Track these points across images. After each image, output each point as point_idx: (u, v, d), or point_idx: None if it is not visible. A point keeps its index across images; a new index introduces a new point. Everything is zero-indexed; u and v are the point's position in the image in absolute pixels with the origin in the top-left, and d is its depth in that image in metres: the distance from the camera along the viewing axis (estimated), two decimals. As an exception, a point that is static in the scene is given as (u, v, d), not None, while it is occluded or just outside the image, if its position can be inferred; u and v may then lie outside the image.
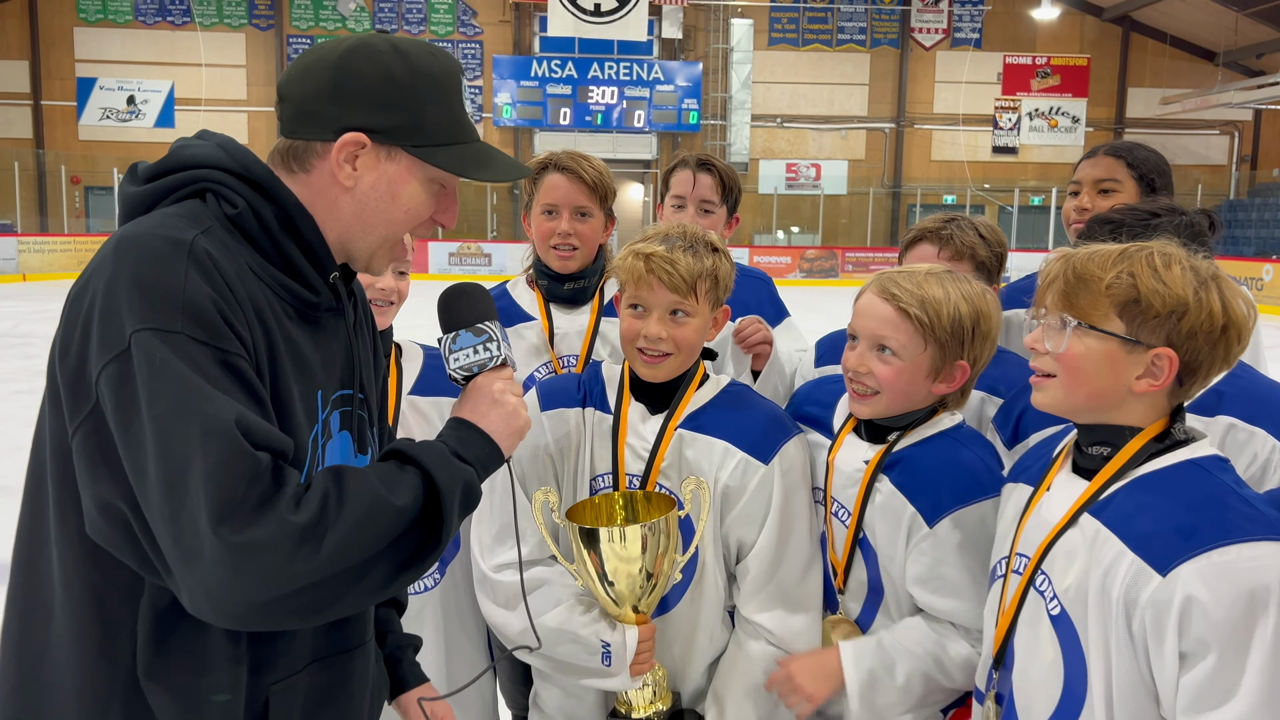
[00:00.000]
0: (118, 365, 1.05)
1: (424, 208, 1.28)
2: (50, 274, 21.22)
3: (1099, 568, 1.30)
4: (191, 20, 24.53)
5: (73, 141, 24.65)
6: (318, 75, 1.22)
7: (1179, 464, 1.33)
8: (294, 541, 1.04)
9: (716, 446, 1.76)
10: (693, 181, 2.52)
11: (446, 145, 1.25)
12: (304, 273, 1.23)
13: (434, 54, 1.26)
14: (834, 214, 25.83)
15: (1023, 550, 1.43)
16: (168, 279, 1.08)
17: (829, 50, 25.88)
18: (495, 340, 1.35)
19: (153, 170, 1.23)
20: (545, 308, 2.36)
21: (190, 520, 1.02)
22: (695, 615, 1.79)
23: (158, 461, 1.03)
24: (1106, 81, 26.12)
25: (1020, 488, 1.53)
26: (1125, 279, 1.30)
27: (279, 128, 1.27)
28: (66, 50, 24.49)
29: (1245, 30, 23.39)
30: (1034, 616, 1.39)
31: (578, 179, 2.28)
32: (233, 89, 24.92)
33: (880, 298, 1.68)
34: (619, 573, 1.65)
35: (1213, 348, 1.29)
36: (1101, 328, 1.32)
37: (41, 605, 1.17)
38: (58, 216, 24.01)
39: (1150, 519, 1.27)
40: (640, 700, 1.73)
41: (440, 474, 1.18)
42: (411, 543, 1.15)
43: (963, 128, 26.16)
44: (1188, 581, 1.20)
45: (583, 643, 1.71)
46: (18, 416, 8.12)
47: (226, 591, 1.03)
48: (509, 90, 24.79)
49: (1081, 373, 1.33)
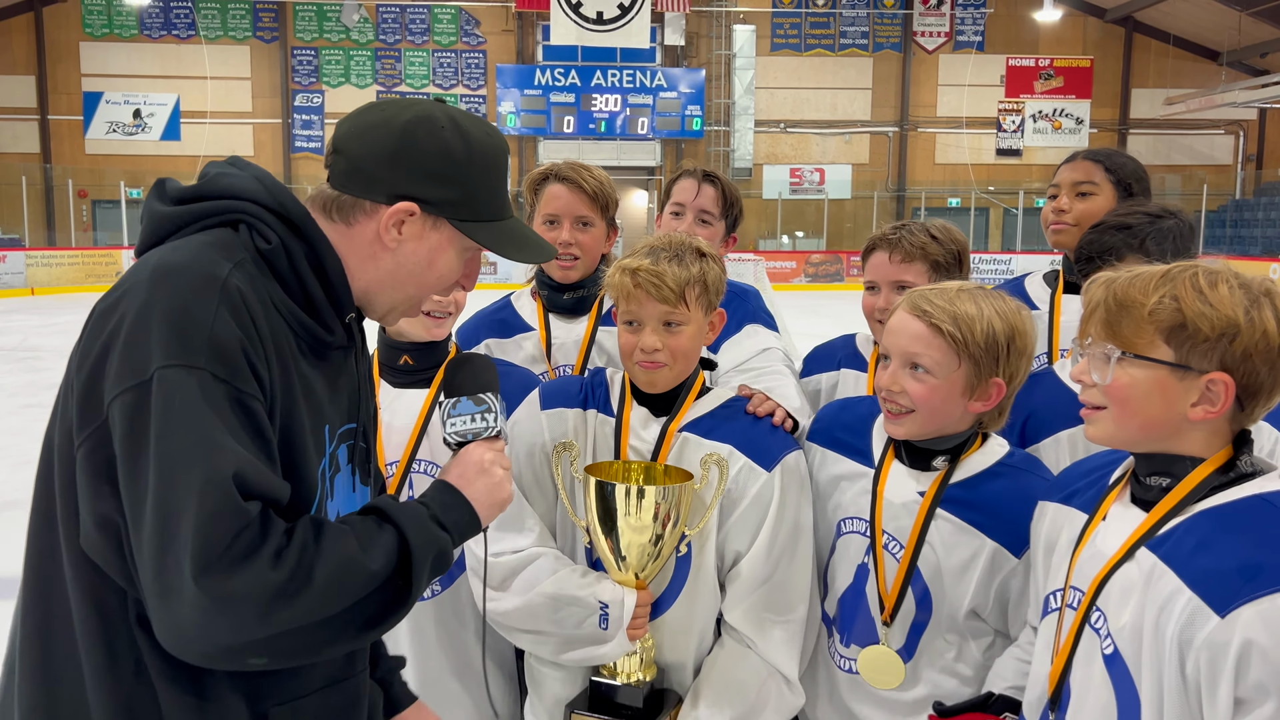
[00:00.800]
0: (135, 395, 1.08)
1: (454, 274, 1.35)
2: (58, 288, 21.30)
3: (1154, 605, 1.23)
4: (196, 33, 24.66)
5: (79, 155, 24.77)
6: (379, 139, 1.27)
7: (1246, 499, 1.24)
8: (270, 596, 1.08)
9: (720, 450, 1.77)
10: (695, 191, 2.52)
11: (489, 222, 1.32)
12: (323, 312, 1.27)
13: (490, 134, 1.33)
14: (838, 218, 25.83)
15: (1077, 584, 1.36)
16: (199, 314, 1.11)
17: (831, 55, 25.91)
18: (494, 412, 1.41)
19: (185, 193, 1.26)
20: (545, 318, 2.37)
21: (175, 561, 1.05)
22: (689, 618, 1.79)
23: (156, 498, 1.06)
24: (1110, 82, 26.10)
25: (1071, 513, 1.46)
26: (1169, 303, 1.23)
27: (329, 177, 1.31)
28: (73, 65, 24.63)
29: (1249, 29, 23.35)
30: (1088, 655, 1.32)
31: (578, 189, 2.29)
32: (238, 101, 25.03)
33: (912, 314, 1.65)
34: (629, 537, 1.67)
35: (1271, 367, 1.21)
36: (1148, 355, 1.25)
37: (56, 621, 1.19)
38: (65, 230, 24.12)
39: (1211, 556, 1.20)
40: (628, 667, 1.75)
41: (416, 539, 1.22)
42: (379, 601, 1.19)
43: (966, 130, 26.15)
44: (1248, 624, 1.13)
45: (581, 604, 1.72)
46: (27, 430, 8.15)
47: (199, 634, 1.07)
48: (512, 99, 24.87)
49: (1131, 404, 1.27)
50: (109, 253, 22.75)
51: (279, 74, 25.10)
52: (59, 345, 13.37)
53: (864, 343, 2.23)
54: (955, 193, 25.91)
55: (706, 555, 1.78)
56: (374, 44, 25.11)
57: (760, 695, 1.75)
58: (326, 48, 25.16)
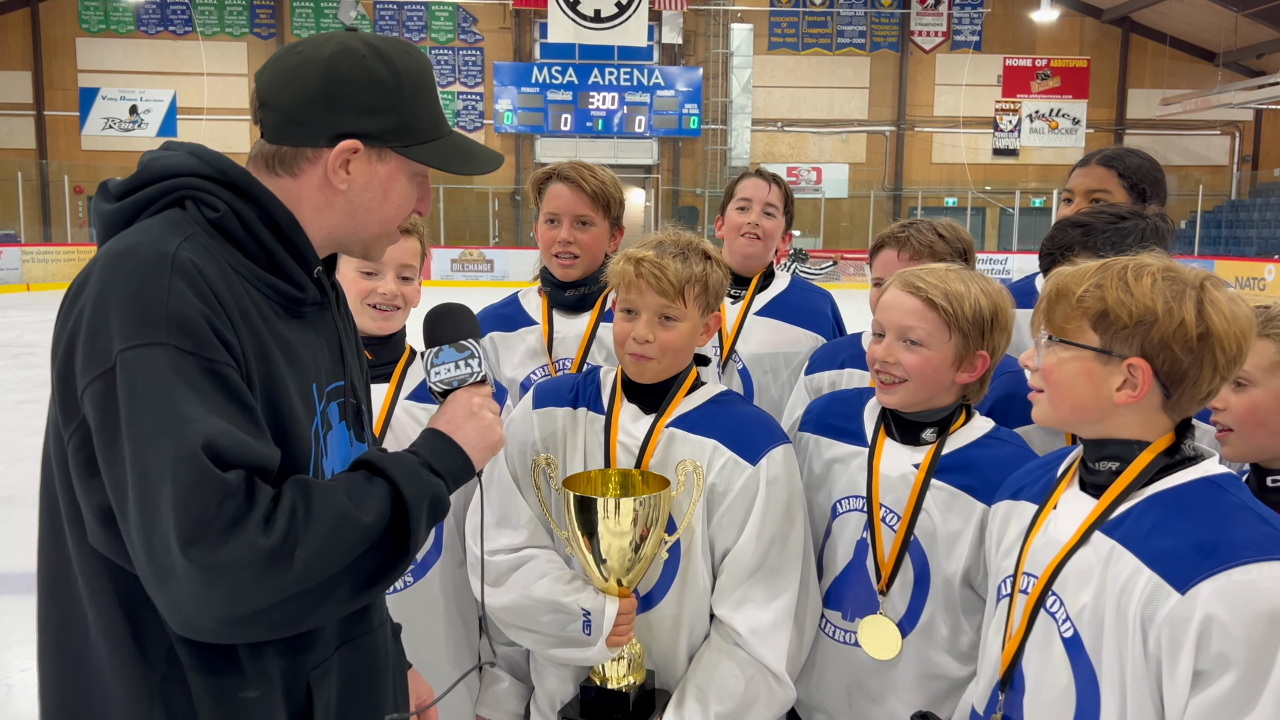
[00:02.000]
0: (102, 383, 1.07)
1: (410, 201, 1.34)
2: (54, 284, 21.26)
3: (1114, 586, 1.28)
4: (193, 30, 24.62)
5: (75, 151, 24.73)
6: (305, 82, 1.24)
7: (1195, 481, 1.31)
8: (263, 562, 1.07)
9: (706, 445, 1.79)
10: (765, 188, 2.69)
11: (430, 141, 1.30)
12: (288, 269, 1.25)
13: (409, 52, 1.30)
14: (835, 217, 25.85)
15: (1030, 570, 1.41)
16: (153, 292, 1.09)
17: (829, 54, 25.92)
18: (476, 357, 1.41)
19: (125, 185, 1.24)
20: (548, 313, 2.43)
21: (162, 540, 1.04)
22: (679, 612, 1.81)
23: (134, 481, 1.05)
24: (1106, 83, 26.13)
25: (1021, 505, 1.52)
26: (1095, 292, 1.32)
27: (262, 132, 1.28)
28: (69, 60, 24.59)
29: (1245, 30, 23.39)
30: (1045, 639, 1.37)
31: (578, 189, 2.36)
32: (235, 98, 24.98)
33: (905, 291, 1.76)
34: (608, 544, 1.68)
35: (1194, 357, 1.28)
36: (1075, 341, 1.34)
37: (75, 622, 1.19)
38: (61, 226, 24.09)
39: (1168, 536, 1.26)
40: (615, 672, 1.76)
41: (409, 488, 1.20)
42: (379, 556, 1.18)
43: (963, 130, 26.18)
44: (1208, 600, 1.18)
45: (565, 610, 1.74)
46: (23, 426, 8.14)
47: (199, 609, 1.06)
48: (510, 97, 24.85)
49: (1061, 386, 1.36)
50: (105, 249, 22.70)
51: (276, 70, 25.06)
52: (54, 341, 13.34)
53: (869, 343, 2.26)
54: (952, 192, 25.93)
55: (695, 549, 1.79)
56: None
57: (748, 693, 1.76)
58: (323, 44, 25.10)
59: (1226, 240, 24.05)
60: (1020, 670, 1.40)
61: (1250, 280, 19.02)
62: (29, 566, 4.75)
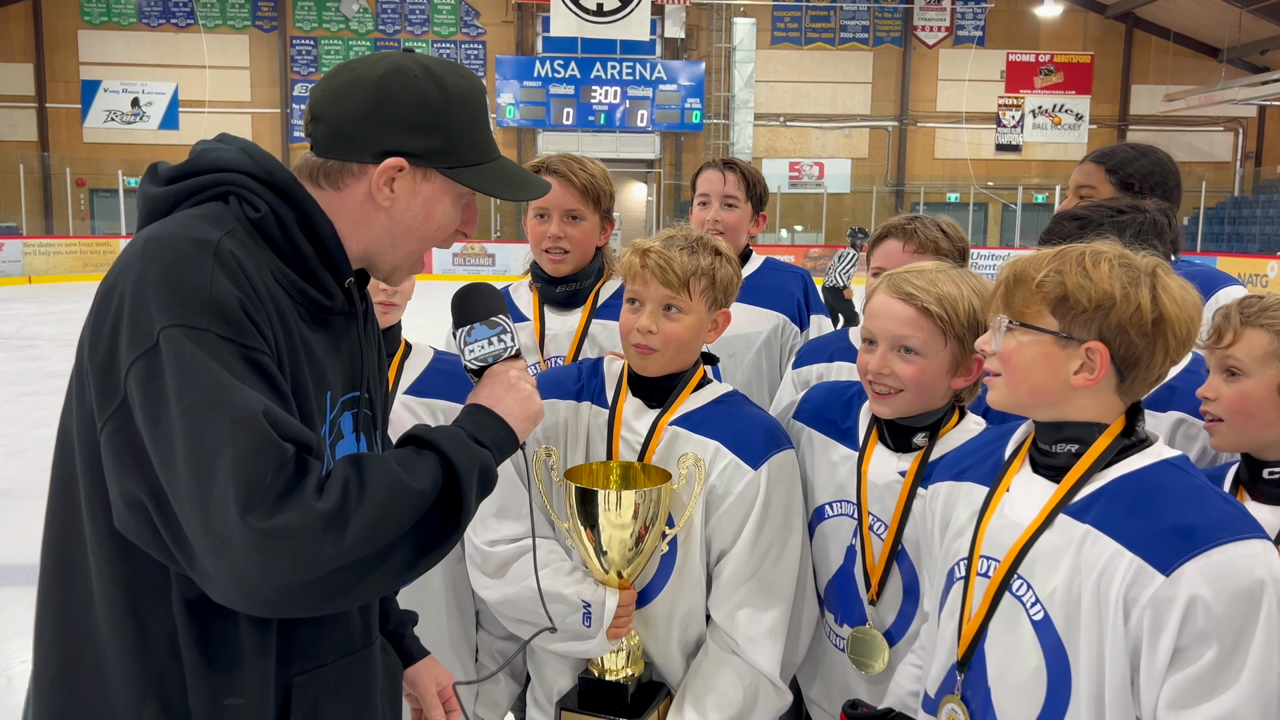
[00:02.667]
0: (146, 361, 1.08)
1: (453, 223, 1.35)
2: (56, 276, 21.28)
3: (1092, 570, 1.30)
4: (195, 22, 24.60)
5: (77, 144, 24.72)
6: (355, 99, 1.26)
7: (1157, 464, 1.34)
8: (320, 526, 1.07)
9: (708, 446, 1.78)
10: (719, 180, 2.63)
11: (477, 165, 1.32)
12: (320, 277, 1.26)
13: (463, 75, 1.32)
14: (837, 212, 25.82)
15: (989, 553, 1.42)
16: (194, 278, 1.11)
17: (832, 49, 25.88)
18: (509, 332, 1.43)
19: (175, 172, 1.26)
20: (539, 309, 2.39)
21: (219, 509, 1.04)
22: (674, 609, 1.80)
23: (187, 452, 1.05)
24: (1110, 78, 26.09)
25: (967, 486, 1.51)
26: (1054, 277, 1.33)
27: (312, 145, 1.30)
28: (71, 53, 24.58)
29: (1249, 26, 23.34)
30: (1011, 623, 1.38)
31: (568, 182, 2.30)
32: (237, 91, 24.99)
33: (897, 298, 1.69)
34: (609, 536, 1.68)
35: (1148, 341, 1.31)
36: (1034, 325, 1.35)
37: (79, 599, 1.19)
38: (63, 219, 24.10)
39: (1143, 520, 1.28)
40: (614, 664, 1.77)
41: (458, 457, 1.22)
42: (433, 525, 1.19)
43: (966, 125, 26.15)
44: (1192, 581, 1.22)
45: (565, 601, 1.74)
46: (24, 419, 8.12)
47: (258, 577, 1.05)
48: (512, 90, 24.83)
49: (1020, 370, 1.37)
50: (106, 241, 22.72)
51: (278, 63, 25.05)
52: (56, 334, 13.35)
53: (857, 336, 2.24)
54: (954, 188, 25.91)
55: (692, 547, 1.79)
56: (373, 34, 25.06)
57: (746, 700, 1.76)
58: (326, 38, 25.10)
59: (1229, 237, 24.02)
60: (982, 652, 1.41)
61: (1253, 277, 18.98)
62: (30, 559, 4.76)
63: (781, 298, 2.62)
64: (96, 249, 22.48)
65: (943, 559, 1.53)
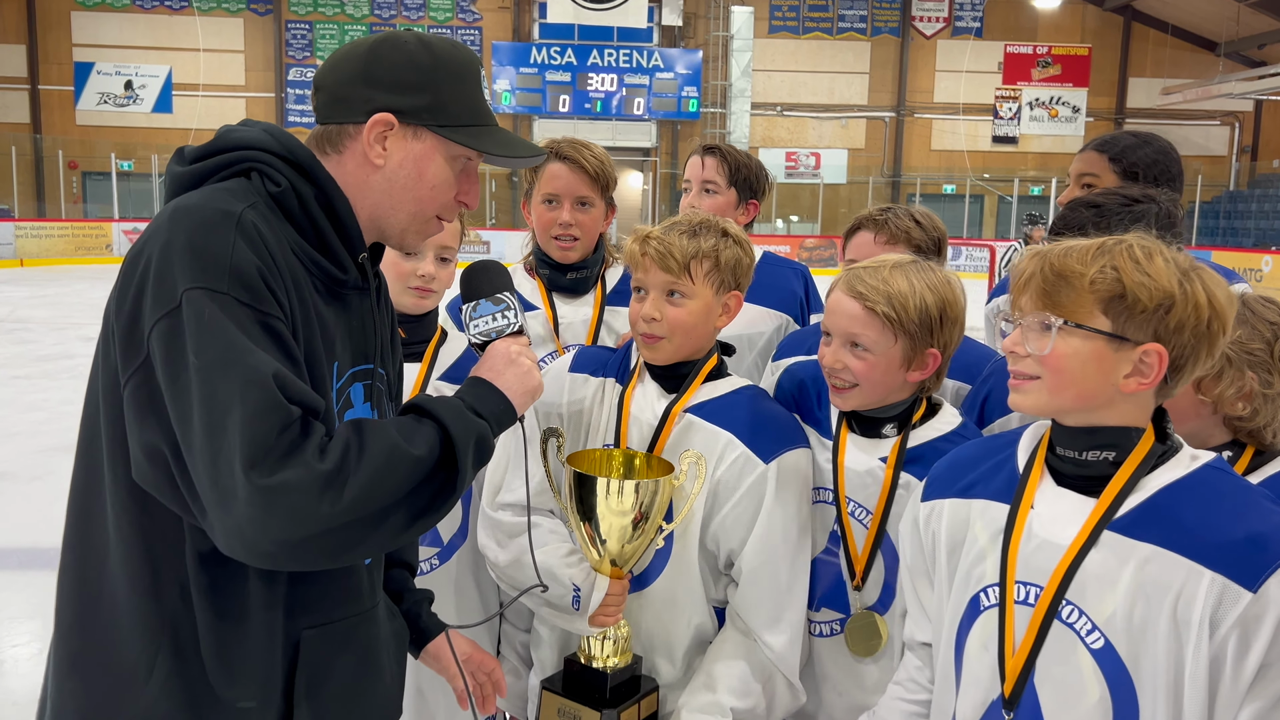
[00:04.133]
0: (169, 321, 1.14)
1: (448, 185, 1.38)
2: (47, 259, 21.18)
3: (1164, 592, 1.22)
4: (189, 5, 24.43)
5: (70, 126, 24.58)
6: (349, 64, 1.34)
7: (1199, 470, 1.27)
8: (320, 485, 1.13)
9: (721, 437, 1.76)
10: (700, 165, 2.59)
11: (468, 126, 1.36)
12: (336, 251, 1.33)
13: (455, 45, 1.38)
14: (833, 203, 25.80)
15: (1027, 579, 1.32)
16: (218, 246, 1.17)
17: (829, 38, 25.81)
18: (513, 309, 1.48)
19: (199, 151, 1.33)
20: (548, 297, 2.36)
21: (227, 463, 1.10)
22: (672, 596, 1.80)
23: (201, 407, 1.12)
24: (1107, 71, 26.07)
25: (980, 504, 1.42)
26: (1110, 273, 1.24)
27: (315, 116, 1.38)
28: (64, 34, 24.40)
29: (1246, 20, 23.33)
30: (1064, 653, 1.28)
31: (579, 168, 2.28)
32: (231, 74, 24.85)
33: (848, 296, 1.70)
34: (608, 524, 1.68)
35: (1198, 341, 1.25)
36: (1088, 325, 1.26)
37: (95, 549, 1.26)
38: (55, 202, 23.96)
39: (1213, 532, 1.21)
40: (599, 651, 1.76)
41: (455, 427, 1.26)
42: (428, 491, 1.24)
43: (963, 117, 26.12)
44: (1278, 594, 1.17)
45: (559, 581, 1.75)
46: (16, 402, 8.07)
47: (258, 531, 1.11)
48: (508, 77, 24.73)
49: (1067, 374, 1.27)
50: (99, 225, 22.62)
51: (273, 47, 24.90)
52: (48, 317, 13.29)
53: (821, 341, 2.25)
54: (950, 179, 25.90)
55: (691, 533, 1.78)
56: (369, 19, 24.93)
57: (766, 690, 1.76)
58: (321, 22, 24.97)
59: (1224, 231, 24.07)
60: (1032, 687, 1.31)
61: (1248, 271, 19.04)
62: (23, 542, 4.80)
63: (782, 296, 2.56)
64: (89, 232, 22.37)
65: (959, 585, 1.42)
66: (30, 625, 4.02)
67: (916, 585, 1.56)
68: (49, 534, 5.82)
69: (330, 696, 1.34)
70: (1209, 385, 1.45)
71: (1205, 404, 1.48)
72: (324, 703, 1.33)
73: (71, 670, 1.27)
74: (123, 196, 23.25)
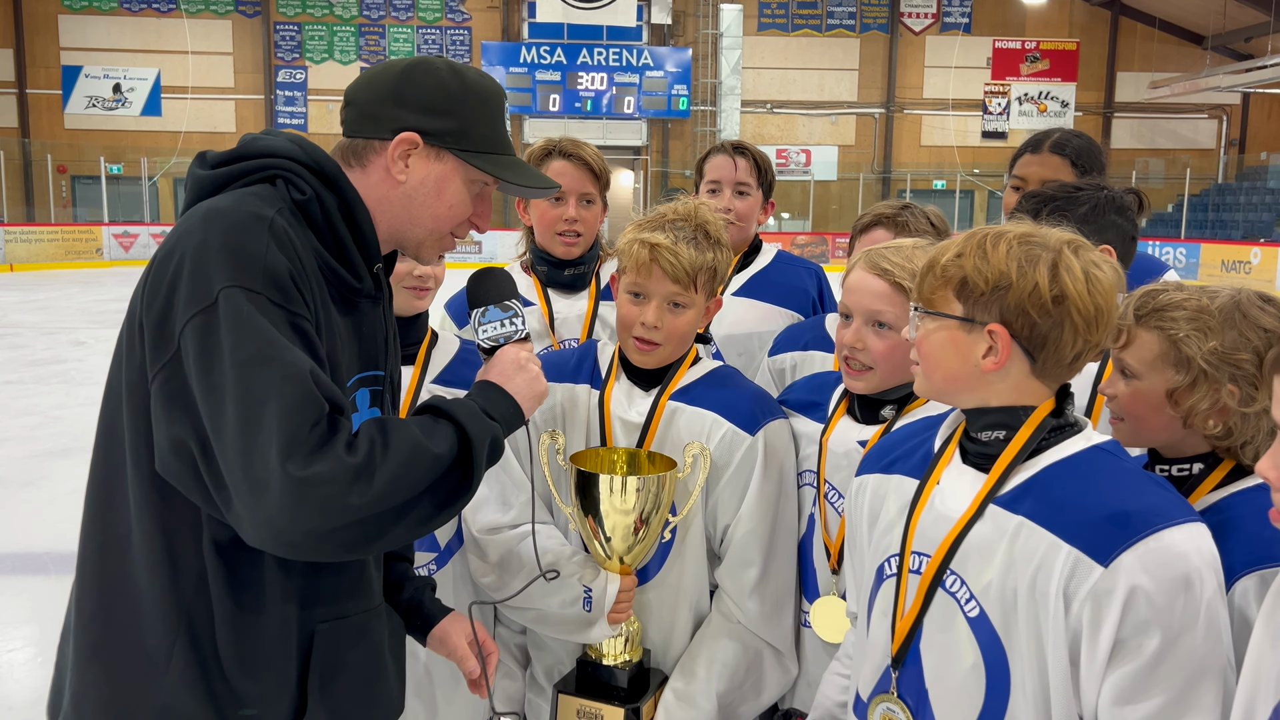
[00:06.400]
0: (204, 317, 1.18)
1: (465, 206, 1.44)
2: (37, 264, 21.09)
3: (1028, 563, 1.26)
4: (177, 7, 24.34)
5: (59, 130, 24.47)
6: (382, 83, 1.40)
7: (1088, 450, 1.31)
8: (349, 478, 1.18)
9: (706, 418, 1.79)
10: (730, 165, 2.55)
11: (488, 154, 1.42)
12: (354, 260, 1.37)
13: (484, 77, 1.46)
14: (824, 200, 25.84)
15: (920, 549, 1.38)
16: (253, 246, 1.22)
17: (818, 35, 25.84)
18: (520, 316, 1.54)
19: (223, 156, 1.37)
20: (544, 293, 2.39)
21: (261, 455, 1.14)
22: (677, 584, 1.82)
23: (237, 401, 1.15)
24: (1095, 65, 26.14)
25: (896, 479, 1.47)
26: (955, 261, 1.32)
27: (343, 129, 1.43)
28: (51, 38, 24.29)
29: (1233, 14, 23.42)
30: (946, 619, 1.34)
31: (583, 165, 2.32)
32: (220, 76, 24.77)
33: (872, 273, 1.72)
34: (613, 522, 1.69)
35: (1052, 321, 1.27)
36: (940, 311, 1.34)
37: (116, 541, 1.29)
38: (44, 206, 23.87)
39: (1077, 509, 1.25)
40: (612, 649, 1.77)
41: (472, 427, 1.32)
42: (447, 486, 1.29)
43: (952, 113, 26.17)
44: (1130, 570, 1.20)
45: (566, 586, 1.75)
46: (7, 408, 8.06)
47: (289, 521, 1.15)
48: (497, 77, 24.48)
49: (932, 356, 1.36)
50: (88, 229, 22.53)
51: (261, 49, 24.83)
52: (38, 322, 13.24)
53: (833, 324, 2.25)
54: (940, 175, 25.95)
55: (693, 523, 1.80)
56: (358, 19, 24.87)
57: (750, 671, 1.77)
58: (310, 23, 24.90)
59: (1213, 224, 24.15)
60: (917, 651, 1.37)
61: (1236, 264, 19.12)
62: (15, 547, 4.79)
63: (795, 295, 2.56)
64: (78, 236, 22.29)
65: (871, 555, 1.49)
66: (25, 630, 4.00)
67: (853, 559, 1.59)
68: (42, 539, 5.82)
69: (341, 690, 1.37)
70: (1181, 396, 1.42)
71: (1176, 418, 1.45)
72: (335, 696, 1.36)
73: (93, 658, 1.29)
74: (112, 200, 23.15)
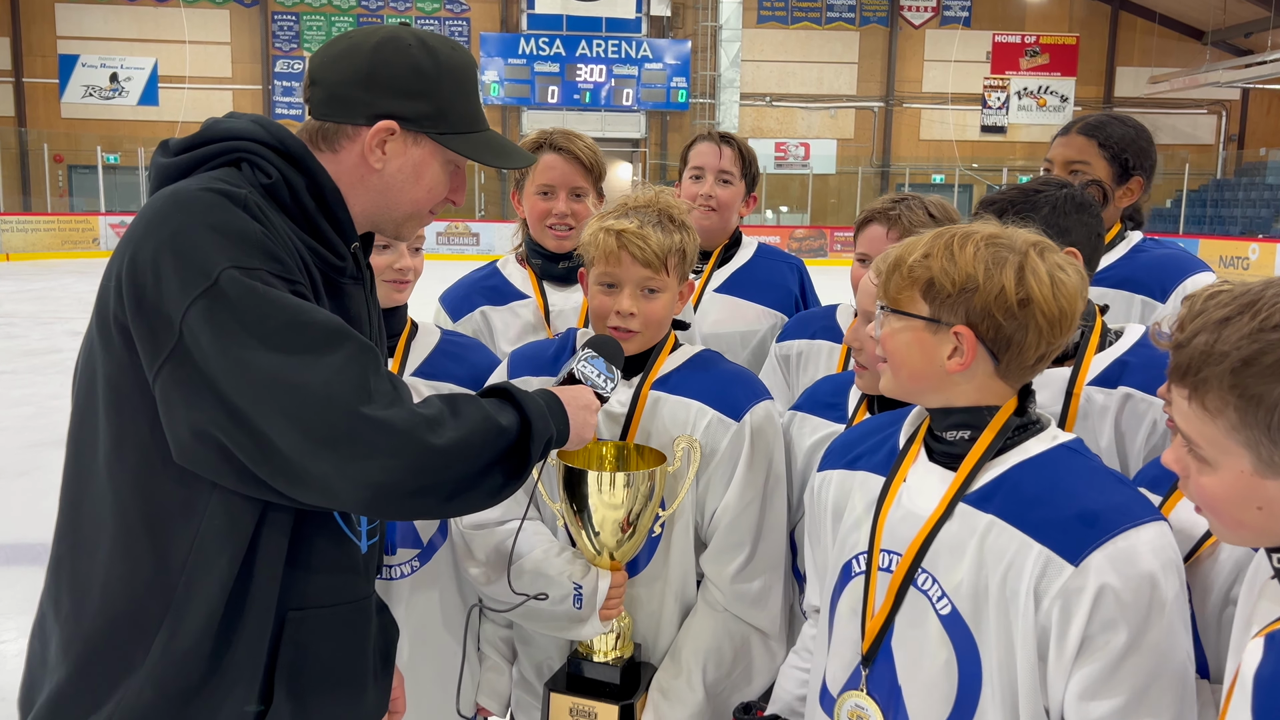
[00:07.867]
0: (207, 300, 1.15)
1: (443, 187, 1.43)
2: (33, 254, 21.04)
3: (999, 561, 1.28)
4: (174, -4, 24.26)
5: (55, 119, 24.39)
6: (351, 64, 1.34)
7: (1052, 450, 1.33)
8: (424, 428, 1.18)
9: (690, 406, 1.78)
10: (715, 153, 2.54)
11: (465, 133, 1.40)
12: (331, 240, 1.34)
13: (455, 49, 1.40)
14: (823, 193, 25.82)
15: (890, 546, 1.39)
16: (237, 223, 1.19)
17: (818, 28, 25.79)
18: (614, 383, 1.62)
19: (185, 143, 1.32)
20: (539, 286, 2.38)
21: (321, 407, 1.14)
22: (664, 576, 1.81)
23: (281, 369, 1.14)
24: (1095, 60, 26.12)
25: (861, 476, 1.48)
26: (923, 262, 1.33)
27: (309, 108, 1.38)
28: (48, 27, 24.20)
29: (1233, 9, 23.40)
30: (918, 617, 1.35)
31: (574, 159, 2.30)
32: (217, 66, 24.68)
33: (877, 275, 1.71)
34: (601, 517, 1.68)
35: (1017, 323, 1.29)
36: (907, 310, 1.35)
37: (87, 539, 1.27)
38: (41, 195, 23.80)
39: (1047, 508, 1.27)
40: (603, 645, 1.77)
41: (535, 419, 1.34)
42: (503, 469, 1.30)
43: (951, 107, 26.15)
44: (1100, 569, 1.22)
45: (556, 584, 1.74)
46: (3, 397, 8.02)
47: (360, 471, 1.15)
48: (496, 68, 24.63)
49: (897, 355, 1.37)
50: (85, 219, 22.46)
51: (259, 39, 24.75)
52: (34, 312, 13.21)
53: (844, 314, 2.23)
54: (939, 169, 25.93)
55: (684, 513, 1.79)
56: (356, 10, 24.79)
57: (738, 657, 1.77)
58: (308, 13, 24.81)
59: (1211, 219, 24.15)
60: (888, 649, 1.38)
61: (1234, 259, 19.13)
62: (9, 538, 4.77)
63: (776, 292, 2.54)
64: (75, 226, 22.23)
65: (836, 552, 1.49)
66: (19, 621, 4.00)
67: (813, 552, 1.60)
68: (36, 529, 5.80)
69: (311, 683, 1.34)
70: None
71: None
72: (305, 689, 1.33)
73: (64, 656, 1.27)
74: (109, 190, 23.10)
